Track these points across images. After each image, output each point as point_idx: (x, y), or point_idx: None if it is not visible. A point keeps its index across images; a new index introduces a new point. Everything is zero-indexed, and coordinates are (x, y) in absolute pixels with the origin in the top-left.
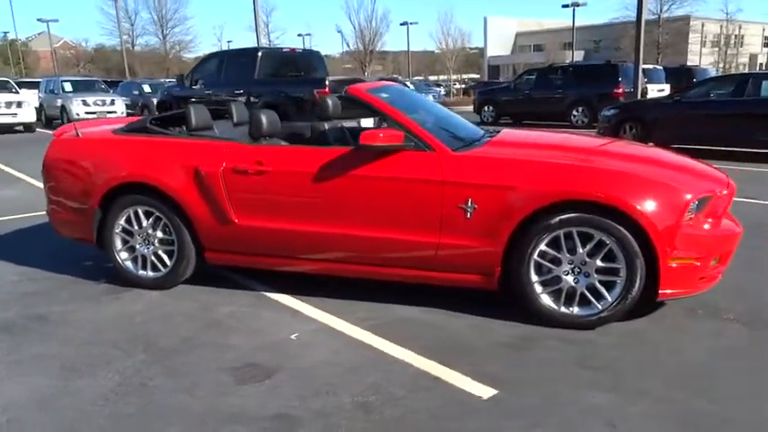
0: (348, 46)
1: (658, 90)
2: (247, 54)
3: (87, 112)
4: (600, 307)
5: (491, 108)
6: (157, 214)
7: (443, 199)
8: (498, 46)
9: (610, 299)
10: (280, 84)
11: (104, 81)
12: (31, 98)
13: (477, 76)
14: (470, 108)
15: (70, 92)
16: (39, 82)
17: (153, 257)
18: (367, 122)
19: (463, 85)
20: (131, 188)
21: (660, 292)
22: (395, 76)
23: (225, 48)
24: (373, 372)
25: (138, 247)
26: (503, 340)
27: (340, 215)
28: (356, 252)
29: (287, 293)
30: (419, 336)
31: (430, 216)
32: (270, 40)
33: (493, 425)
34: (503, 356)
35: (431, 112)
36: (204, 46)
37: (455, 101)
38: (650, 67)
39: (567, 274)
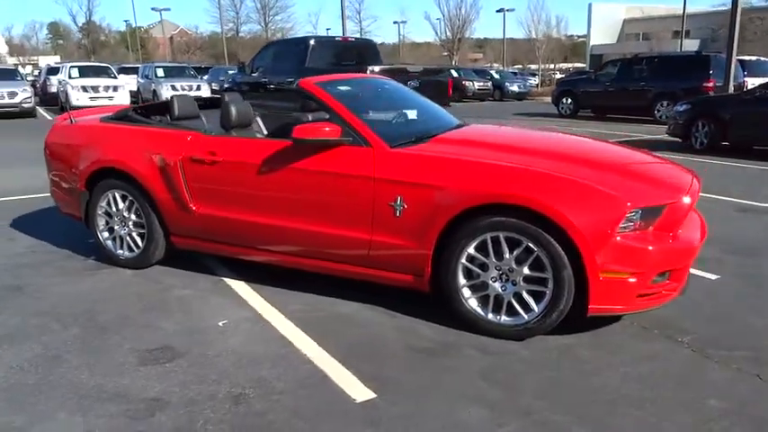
0: (437, 34)
1: None
2: (300, 43)
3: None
4: (526, 318)
5: (569, 100)
6: (131, 198)
7: (374, 196)
8: (603, 34)
9: (536, 310)
10: (327, 72)
11: (197, 67)
12: (130, 83)
13: (584, 65)
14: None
15: (162, 77)
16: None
17: (128, 238)
18: (412, 114)
19: (562, 76)
20: (109, 173)
21: (590, 307)
22: (493, 65)
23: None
24: (271, 366)
25: (116, 228)
26: (422, 345)
27: (283, 208)
28: (299, 245)
29: (247, 281)
30: (341, 334)
31: (362, 213)
32: (361, 28)
33: (345, 428)
34: (409, 361)
35: (408, 106)
36: (302, 33)
37: (539, 92)
38: (752, 58)
39: (494, 281)
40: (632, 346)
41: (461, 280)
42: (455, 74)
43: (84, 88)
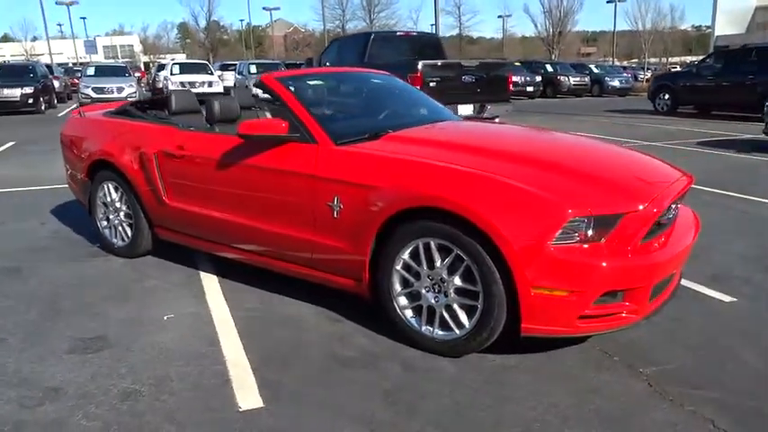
0: (536, 27)
1: None
2: (361, 38)
3: None
4: (458, 333)
5: (666, 96)
6: (121, 190)
7: (315, 195)
8: (731, 24)
9: (467, 326)
10: (382, 68)
11: (290, 63)
12: (230, 78)
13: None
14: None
15: (254, 73)
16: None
17: (120, 228)
18: (465, 109)
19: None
20: (103, 165)
21: (522, 326)
22: (607, 59)
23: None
24: (184, 364)
25: (111, 217)
26: (346, 354)
27: (240, 205)
28: (256, 244)
29: (222, 276)
30: (273, 337)
31: (305, 213)
32: (461, 23)
33: None
34: (321, 371)
35: (392, 102)
36: (405, 29)
37: (644, 87)
38: None
39: (427, 291)
40: (580, 373)
41: (397, 288)
42: (550, 68)
43: (183, 83)
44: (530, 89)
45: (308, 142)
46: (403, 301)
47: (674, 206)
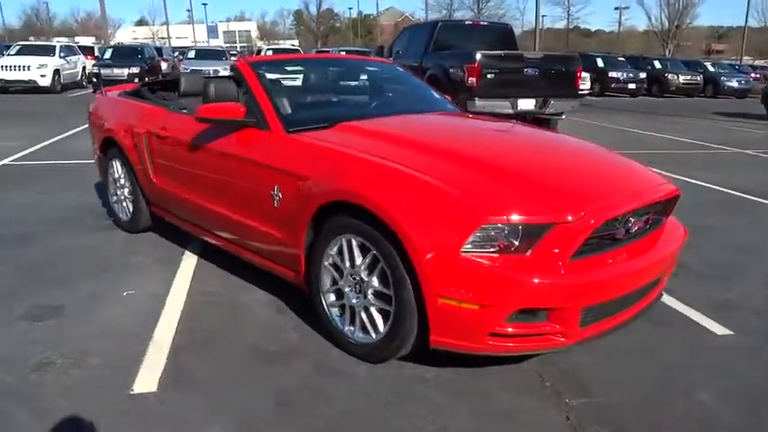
0: (650, 19)
1: None
2: (428, 27)
3: None
4: (374, 338)
5: None
6: (125, 167)
7: (260, 183)
8: None
9: (381, 332)
10: (443, 57)
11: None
12: None
13: None
14: None
15: None
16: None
17: (124, 203)
18: (525, 104)
19: None
20: (111, 142)
21: (431, 338)
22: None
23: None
24: (110, 341)
25: (118, 192)
26: (268, 348)
27: (204, 187)
28: (218, 228)
29: (203, 258)
30: (210, 322)
31: (254, 199)
32: (569, 14)
33: (92, 412)
34: (235, 363)
35: (375, 90)
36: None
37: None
38: None
39: (350, 290)
40: (499, 395)
41: (326, 284)
42: (658, 65)
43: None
44: (631, 86)
45: (262, 128)
46: (331, 297)
47: (633, 219)
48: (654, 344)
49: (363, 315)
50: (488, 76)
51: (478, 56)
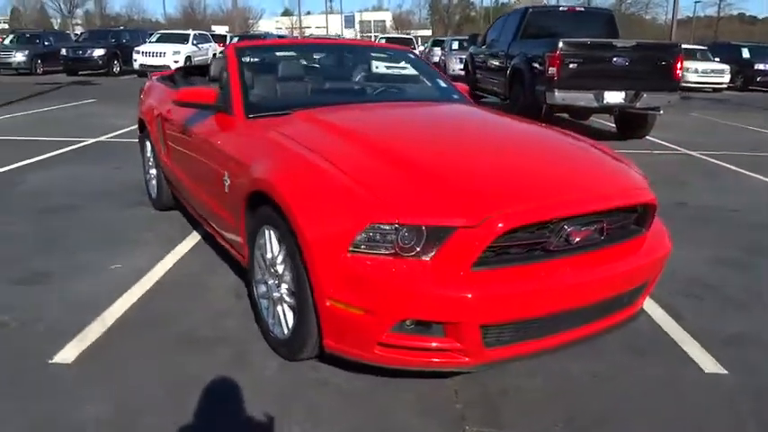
0: None
1: None
2: (518, 13)
3: None
4: (285, 334)
5: None
6: (151, 147)
7: (218, 167)
8: None
9: (290, 328)
10: (527, 45)
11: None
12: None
13: None
14: None
15: (455, 50)
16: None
17: (152, 182)
18: (613, 96)
19: None
20: (143, 123)
21: (324, 342)
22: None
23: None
24: (65, 311)
25: (149, 171)
26: (204, 333)
27: (189, 170)
28: (200, 210)
29: (206, 239)
30: (169, 303)
31: (213, 184)
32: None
33: (11, 379)
34: (163, 344)
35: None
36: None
37: None
38: None
39: (272, 282)
40: (393, 411)
41: (257, 274)
42: (746, 53)
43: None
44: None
45: (228, 114)
46: (261, 288)
47: (569, 227)
48: (614, 374)
49: (279, 309)
50: (571, 65)
51: (560, 43)
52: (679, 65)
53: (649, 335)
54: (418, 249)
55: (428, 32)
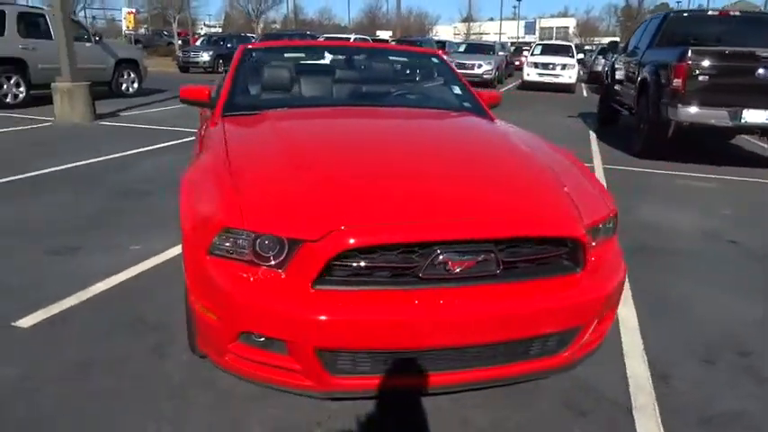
0: None
1: None
2: (660, 17)
3: None
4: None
5: None
6: None
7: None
8: None
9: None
10: (658, 53)
11: None
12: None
13: None
14: None
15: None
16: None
17: None
18: (755, 115)
19: None
20: None
21: (197, 341)
22: None
23: None
24: (55, 283)
25: None
26: (148, 321)
27: None
28: None
29: None
30: (145, 288)
31: None
32: None
33: None
34: (102, 332)
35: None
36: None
37: None
38: None
39: None
40: (245, 427)
41: None
42: None
43: (536, 64)
44: None
45: (213, 111)
46: None
47: (443, 254)
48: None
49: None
50: (701, 77)
51: (689, 51)
52: None
53: (603, 393)
54: (272, 260)
55: (612, 39)
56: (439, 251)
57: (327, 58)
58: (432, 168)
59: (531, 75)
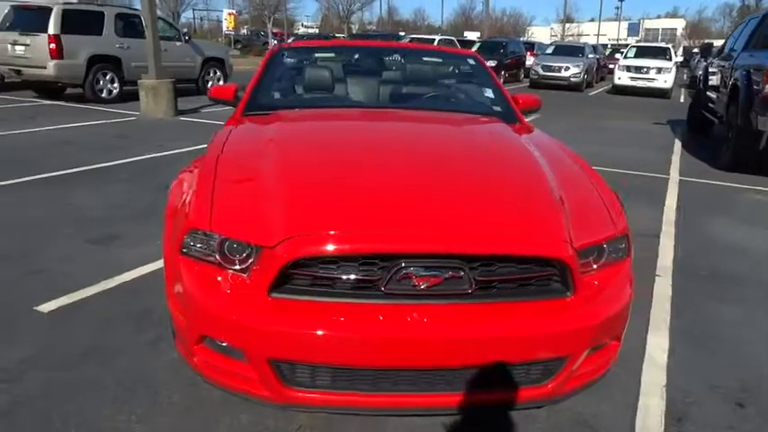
0: None
1: None
2: (758, 18)
3: None
4: None
5: None
6: None
7: None
8: None
9: None
10: (751, 56)
11: None
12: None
13: None
14: None
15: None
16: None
17: None
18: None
19: None
20: None
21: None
22: None
23: None
24: (84, 270)
25: None
26: (150, 318)
27: None
28: None
29: None
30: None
31: None
32: None
33: None
34: (100, 322)
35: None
36: None
37: None
38: None
39: None
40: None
41: None
42: None
43: (629, 67)
44: None
45: (235, 109)
46: None
47: (407, 268)
48: None
49: None
50: None
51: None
52: None
53: (596, 427)
54: (237, 265)
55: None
56: (403, 265)
57: (359, 59)
58: (420, 179)
59: (622, 78)
